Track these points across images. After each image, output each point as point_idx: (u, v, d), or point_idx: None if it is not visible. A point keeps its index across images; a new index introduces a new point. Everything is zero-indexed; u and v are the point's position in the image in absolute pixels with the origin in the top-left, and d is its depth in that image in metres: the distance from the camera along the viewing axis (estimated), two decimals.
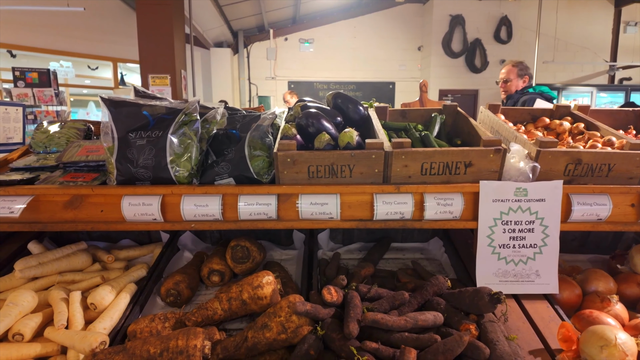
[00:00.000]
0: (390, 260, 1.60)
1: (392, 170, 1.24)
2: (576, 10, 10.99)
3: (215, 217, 1.23)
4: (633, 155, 1.21)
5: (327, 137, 1.25)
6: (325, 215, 1.23)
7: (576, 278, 1.36)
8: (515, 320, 1.15)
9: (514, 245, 1.24)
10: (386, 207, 1.22)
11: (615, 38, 11.36)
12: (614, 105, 10.20)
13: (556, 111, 1.63)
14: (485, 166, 1.23)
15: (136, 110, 1.30)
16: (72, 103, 12.35)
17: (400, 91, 11.18)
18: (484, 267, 1.25)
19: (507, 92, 3.37)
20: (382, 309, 1.10)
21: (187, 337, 1.01)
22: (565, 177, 1.25)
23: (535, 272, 1.24)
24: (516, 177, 1.23)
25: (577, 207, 1.21)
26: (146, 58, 4.82)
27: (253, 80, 10.87)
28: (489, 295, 1.05)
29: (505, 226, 1.23)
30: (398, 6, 10.67)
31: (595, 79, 11.57)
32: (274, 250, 1.63)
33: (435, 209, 1.22)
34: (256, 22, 10.21)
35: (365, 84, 11.05)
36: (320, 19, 10.69)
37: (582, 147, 1.31)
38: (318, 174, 1.25)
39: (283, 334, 1.04)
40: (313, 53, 10.86)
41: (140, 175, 1.25)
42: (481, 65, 10.31)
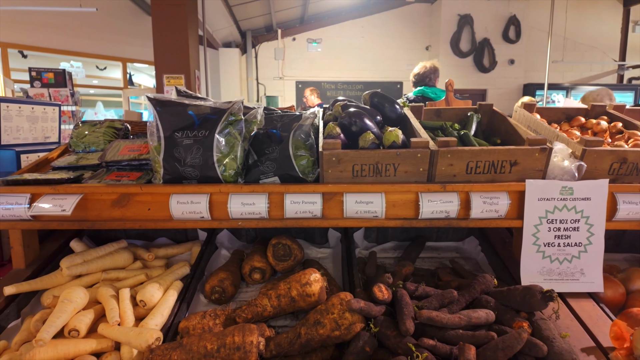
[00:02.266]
0: (426, 259, 1.61)
1: (436, 169, 1.25)
2: (585, 10, 10.93)
3: (262, 215, 1.24)
4: None
5: (371, 136, 1.26)
6: (370, 213, 1.24)
7: (617, 277, 1.36)
8: (563, 318, 1.16)
9: (559, 244, 1.24)
10: (432, 206, 1.23)
11: (624, 37, 11.29)
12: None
13: (591, 110, 1.63)
14: (531, 165, 1.24)
15: (182, 110, 1.31)
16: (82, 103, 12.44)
17: (408, 90, 11.15)
18: (529, 265, 1.25)
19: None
20: (432, 306, 1.11)
21: (243, 333, 1.02)
22: (609, 176, 1.25)
23: (580, 271, 1.25)
24: (560, 176, 1.23)
25: (622, 206, 1.21)
26: (161, 58, 4.84)
27: (261, 80, 10.89)
28: (541, 293, 1.06)
29: (550, 224, 1.23)
30: (406, 6, 10.66)
31: (604, 79, 11.52)
32: (309, 248, 1.64)
33: (482, 207, 1.22)
34: (264, 22, 10.23)
35: (373, 84, 11.03)
36: (328, 18, 10.70)
37: (626, 146, 1.32)
38: (362, 172, 1.26)
39: (337, 330, 1.05)
40: (321, 53, 10.86)
41: (188, 174, 1.26)
42: (489, 64, 10.28)
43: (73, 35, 8.18)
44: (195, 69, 5.13)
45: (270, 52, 10.59)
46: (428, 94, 3.25)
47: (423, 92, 3.27)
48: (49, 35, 7.91)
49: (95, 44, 8.65)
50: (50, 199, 1.23)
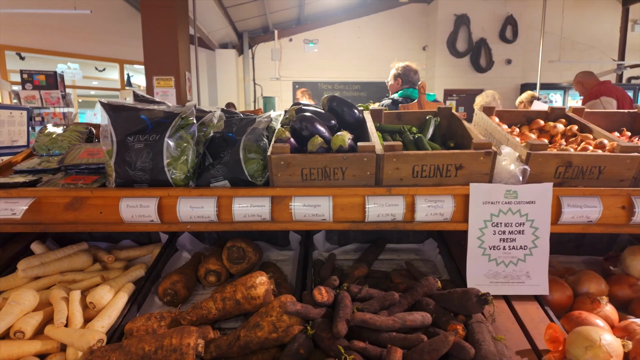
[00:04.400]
0: (385, 261, 1.62)
1: (384, 172, 1.26)
2: (583, 9, 10.88)
3: (211, 218, 1.26)
4: (623, 158, 1.22)
5: (319, 140, 1.27)
6: (318, 216, 1.26)
7: (568, 279, 1.37)
8: (504, 321, 1.17)
9: (504, 247, 1.25)
10: (378, 209, 1.24)
11: (623, 36, 11.22)
12: None
13: (551, 113, 1.63)
14: (476, 169, 1.25)
15: (134, 115, 1.33)
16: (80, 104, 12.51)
17: None
18: (475, 268, 1.26)
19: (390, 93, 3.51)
20: (372, 309, 1.12)
21: (181, 335, 1.04)
22: (555, 180, 1.26)
23: (525, 274, 1.25)
24: (507, 180, 1.24)
25: (567, 210, 1.22)
26: (151, 60, 4.88)
27: (258, 81, 10.93)
28: (477, 296, 1.07)
29: (495, 228, 1.24)
30: (402, 6, 10.66)
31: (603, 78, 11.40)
32: (271, 251, 1.66)
33: (426, 210, 1.24)
34: (261, 23, 10.26)
35: (370, 84, 11.06)
36: (325, 19, 10.71)
37: (572, 149, 1.32)
38: (311, 176, 1.27)
39: (274, 333, 1.06)
40: (317, 53, 10.88)
41: (138, 177, 1.28)
42: (486, 64, 10.26)
43: (70, 37, 8.23)
44: (185, 71, 5.16)
45: (267, 53, 10.62)
46: (413, 96, 3.25)
47: (408, 94, 3.27)
48: (47, 37, 7.97)
49: (92, 46, 8.71)
50: (3, 203, 1.25)
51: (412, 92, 3.25)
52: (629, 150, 1.22)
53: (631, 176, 1.24)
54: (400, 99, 3.24)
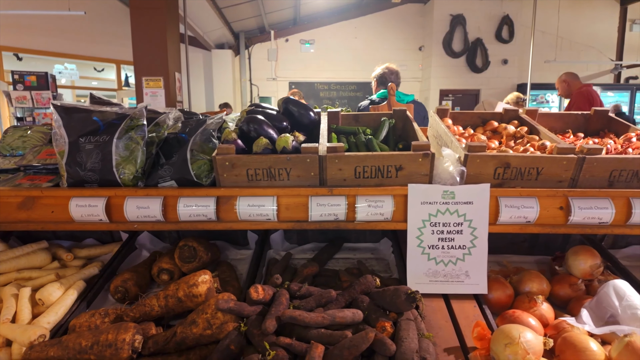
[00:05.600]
0: (341, 260, 1.64)
1: (327, 173, 1.29)
2: (581, 9, 10.84)
3: (157, 218, 1.29)
4: (560, 159, 1.24)
5: (264, 142, 1.30)
6: (263, 216, 1.29)
7: (512, 279, 1.39)
8: (439, 319, 1.19)
9: (443, 247, 1.27)
10: (320, 209, 1.27)
11: (621, 36, 11.19)
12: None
13: (505, 115, 1.65)
14: (416, 170, 1.27)
15: (87, 116, 1.37)
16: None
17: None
18: (415, 267, 1.29)
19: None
20: (309, 306, 1.15)
21: (117, 331, 1.07)
22: (495, 181, 1.28)
23: (465, 273, 1.28)
24: (447, 181, 1.27)
25: (504, 210, 1.24)
26: (140, 60, 4.92)
27: (254, 81, 10.97)
28: (406, 295, 1.09)
29: (434, 227, 1.27)
30: (399, 6, 10.66)
31: (601, 78, 11.41)
32: (230, 250, 1.69)
33: (367, 210, 1.26)
34: (257, 24, 10.30)
35: (366, 85, 11.06)
36: (321, 19, 10.74)
37: (512, 151, 1.34)
38: (257, 177, 1.30)
39: (208, 329, 1.09)
40: (314, 54, 10.91)
41: (88, 178, 1.32)
42: (482, 65, 10.25)
43: (67, 38, 8.30)
44: (175, 72, 5.20)
45: (263, 53, 10.67)
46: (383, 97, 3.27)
47: (385, 95, 3.30)
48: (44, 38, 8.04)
49: (89, 46, 8.78)
50: None
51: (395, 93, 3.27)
52: (566, 152, 1.24)
53: (569, 177, 1.26)
54: (377, 100, 3.27)
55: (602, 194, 1.24)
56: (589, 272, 1.33)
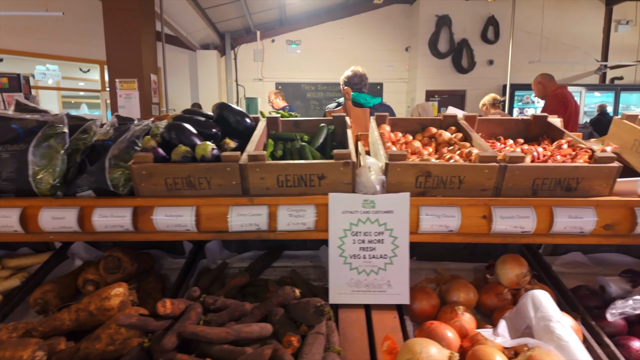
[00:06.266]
0: (279, 268, 1.62)
1: (250, 182, 1.26)
2: (566, 10, 10.89)
3: (74, 229, 1.26)
4: (482, 168, 1.22)
5: (183, 150, 1.27)
6: (182, 227, 1.26)
7: (442, 288, 1.37)
8: (355, 331, 1.17)
9: (364, 256, 1.25)
10: (241, 219, 1.24)
11: (606, 37, 11.26)
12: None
13: (444, 120, 1.64)
14: (338, 178, 1.25)
15: (5, 124, 1.33)
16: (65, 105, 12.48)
17: (388, 92, 11.18)
18: (337, 277, 1.26)
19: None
20: (221, 320, 1.13)
21: (15, 348, 1.03)
22: (417, 189, 1.26)
23: (387, 283, 1.26)
24: (369, 190, 1.25)
25: (425, 219, 1.22)
26: (113, 62, 4.87)
27: (240, 82, 10.93)
28: (315, 307, 1.07)
29: (355, 237, 1.24)
30: (385, 7, 10.66)
31: (586, 79, 11.48)
32: (165, 259, 1.66)
33: (288, 220, 1.24)
34: (242, 24, 10.25)
35: None
36: (307, 20, 10.71)
37: (434, 159, 1.32)
38: (177, 186, 1.27)
39: (111, 345, 1.06)
40: (300, 54, 10.89)
41: (5, 187, 1.28)
42: (468, 65, 10.27)
43: (48, 39, 8.21)
44: (150, 73, 5.15)
45: (249, 54, 10.61)
46: (359, 100, 3.26)
47: (354, 97, 3.28)
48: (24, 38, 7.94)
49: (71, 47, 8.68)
50: None
51: (357, 96, 3.26)
52: (488, 160, 1.22)
53: (492, 186, 1.24)
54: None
55: (523, 203, 1.22)
56: (515, 281, 1.31)
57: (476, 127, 1.63)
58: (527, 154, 1.29)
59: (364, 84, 3.43)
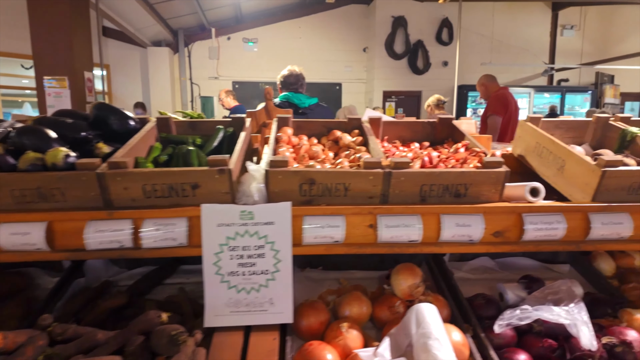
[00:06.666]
0: (171, 285, 1.48)
1: (111, 193, 1.12)
2: (516, 13, 11.30)
3: None
4: (366, 174, 1.14)
5: (32, 156, 1.11)
6: (31, 245, 1.10)
7: (335, 301, 1.28)
8: (225, 358, 1.05)
9: (243, 273, 1.14)
10: (100, 236, 1.10)
11: (553, 41, 11.78)
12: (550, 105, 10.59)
13: (349, 123, 1.55)
14: (215, 187, 1.13)
15: None
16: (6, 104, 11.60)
17: (347, 92, 11.19)
18: (214, 297, 1.14)
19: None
20: (66, 354, 0.98)
21: None
22: (302, 198, 1.16)
23: (269, 301, 1.15)
24: (249, 199, 1.14)
25: (307, 230, 1.13)
26: (41, 57, 4.50)
27: (195, 80, 10.58)
28: (169, 336, 0.95)
29: (232, 252, 1.13)
30: (343, 7, 10.66)
31: (536, 80, 11.98)
32: (43, 278, 1.48)
33: (154, 235, 1.10)
34: (196, 21, 9.91)
35: (312, 85, 10.87)
36: (264, 18, 10.52)
37: (319, 165, 1.23)
38: (26, 199, 1.11)
39: None
40: (257, 53, 10.69)
41: None
42: (423, 66, 10.45)
43: None
44: (84, 70, 4.82)
45: (204, 52, 10.28)
46: (293, 100, 3.15)
47: (288, 98, 3.17)
48: None
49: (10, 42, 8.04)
50: None
51: (292, 96, 3.16)
52: (372, 166, 1.14)
53: (379, 193, 1.16)
54: (278, 103, 3.14)
55: (409, 211, 1.15)
56: (408, 293, 1.24)
57: (382, 130, 1.57)
58: (417, 159, 1.22)
59: (300, 83, 3.33)
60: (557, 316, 1.09)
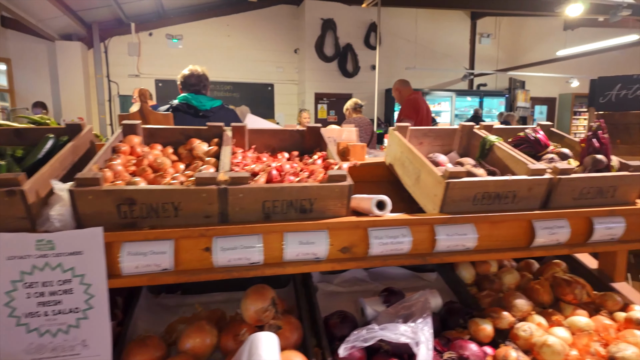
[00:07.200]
0: None
1: None
2: (438, 20, 11.92)
3: None
4: (198, 192, 1.02)
5: None
6: None
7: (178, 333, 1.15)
8: None
9: (46, 313, 0.96)
10: None
11: (472, 48, 12.58)
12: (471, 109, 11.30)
13: (209, 131, 1.42)
14: (6, 212, 0.94)
15: None
16: None
17: (279, 93, 11.06)
18: (11, 343, 0.95)
19: None
20: None
21: None
22: (123, 220, 1.01)
23: (81, 343, 0.99)
24: (49, 226, 0.96)
25: (126, 258, 0.98)
26: None
27: (113, 78, 9.80)
28: None
29: (30, 289, 0.95)
30: (273, 7, 10.50)
31: (458, 85, 12.72)
32: None
33: None
34: (112, 15, 9.17)
35: (243, 85, 10.70)
36: (190, 15, 10.04)
37: (144, 183, 1.09)
38: None
39: None
40: (183, 50, 10.17)
41: None
42: (353, 69, 10.62)
43: None
44: None
45: (123, 48, 9.52)
46: (192, 102, 2.95)
47: (187, 100, 2.97)
48: None
49: None
50: None
51: (191, 98, 2.96)
52: (205, 182, 1.02)
53: (216, 212, 1.05)
54: (176, 104, 2.93)
55: (248, 230, 1.05)
56: (255, 318, 1.14)
57: (247, 139, 1.46)
58: (262, 172, 1.13)
59: (202, 84, 3.13)
60: (400, 335, 1.05)
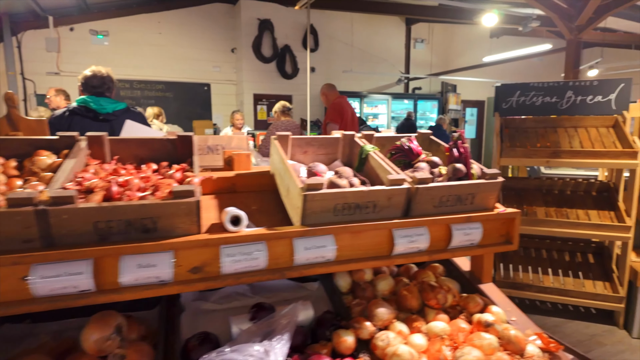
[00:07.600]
0: None
1: None
2: (373, 25, 12.21)
3: None
4: (11, 214, 0.90)
5: None
6: None
7: None
8: None
9: None
10: None
11: (407, 52, 13.07)
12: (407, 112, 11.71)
13: (60, 141, 1.29)
14: None
15: None
16: None
17: (217, 93, 10.74)
18: None
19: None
20: None
21: None
22: None
23: None
24: None
25: None
26: None
27: (28, 76, 8.95)
28: None
29: None
30: (207, 5, 10.18)
31: (394, 88, 13.15)
32: None
33: None
34: (25, 6, 8.34)
35: (177, 85, 10.25)
36: (116, 10, 9.43)
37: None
38: None
39: None
40: (109, 47, 9.53)
41: None
42: (292, 71, 10.58)
43: None
44: None
45: (40, 43, 8.70)
46: (91, 105, 2.74)
47: (86, 102, 2.74)
48: None
49: None
50: None
51: (90, 101, 2.74)
52: (20, 203, 0.91)
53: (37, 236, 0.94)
54: (75, 107, 2.69)
55: (74, 255, 0.95)
56: (96, 349, 1.04)
57: (108, 148, 1.35)
58: (98, 189, 1.03)
59: (106, 87, 2.92)
60: (248, 356, 1.01)
